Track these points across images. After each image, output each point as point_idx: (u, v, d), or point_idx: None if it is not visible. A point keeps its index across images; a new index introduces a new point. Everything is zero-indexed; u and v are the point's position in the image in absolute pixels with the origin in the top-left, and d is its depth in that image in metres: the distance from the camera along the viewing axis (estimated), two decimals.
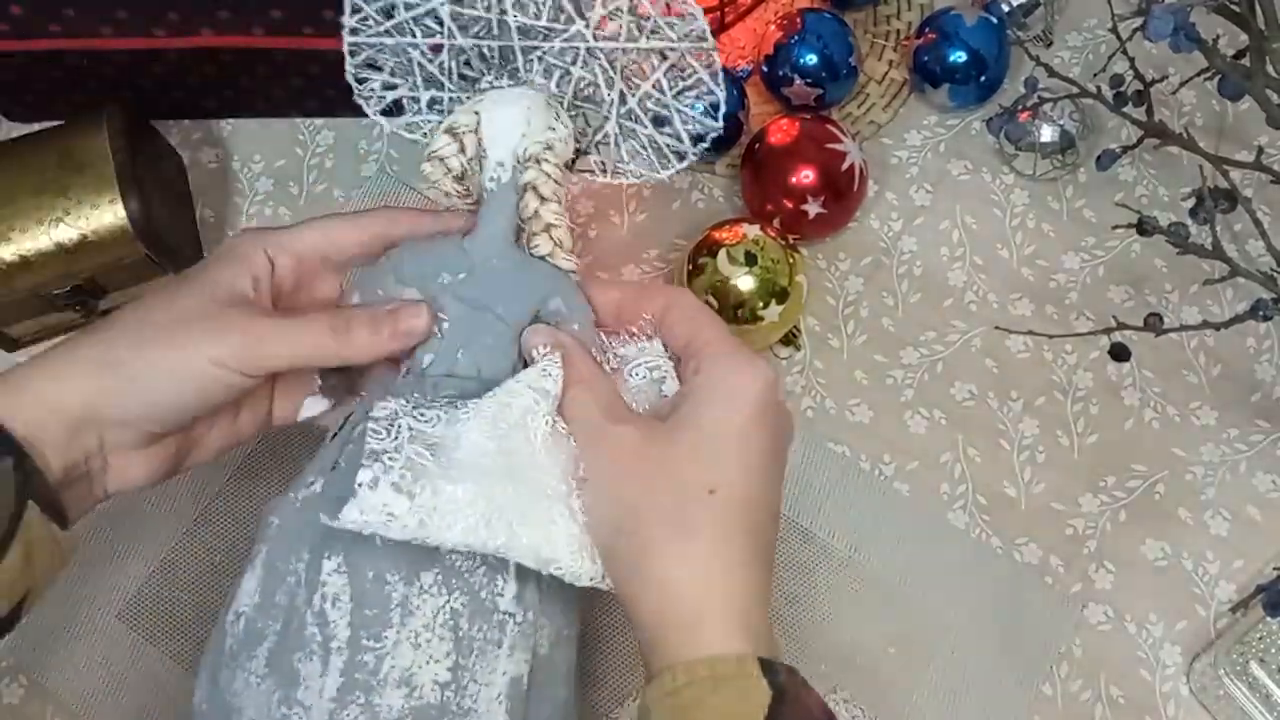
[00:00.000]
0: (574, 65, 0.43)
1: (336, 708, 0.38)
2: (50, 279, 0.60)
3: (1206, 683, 0.56)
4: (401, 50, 0.45)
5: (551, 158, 0.44)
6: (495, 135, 0.44)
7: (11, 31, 0.60)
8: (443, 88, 0.45)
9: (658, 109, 0.44)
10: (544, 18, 0.42)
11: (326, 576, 0.39)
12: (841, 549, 0.60)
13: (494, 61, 0.44)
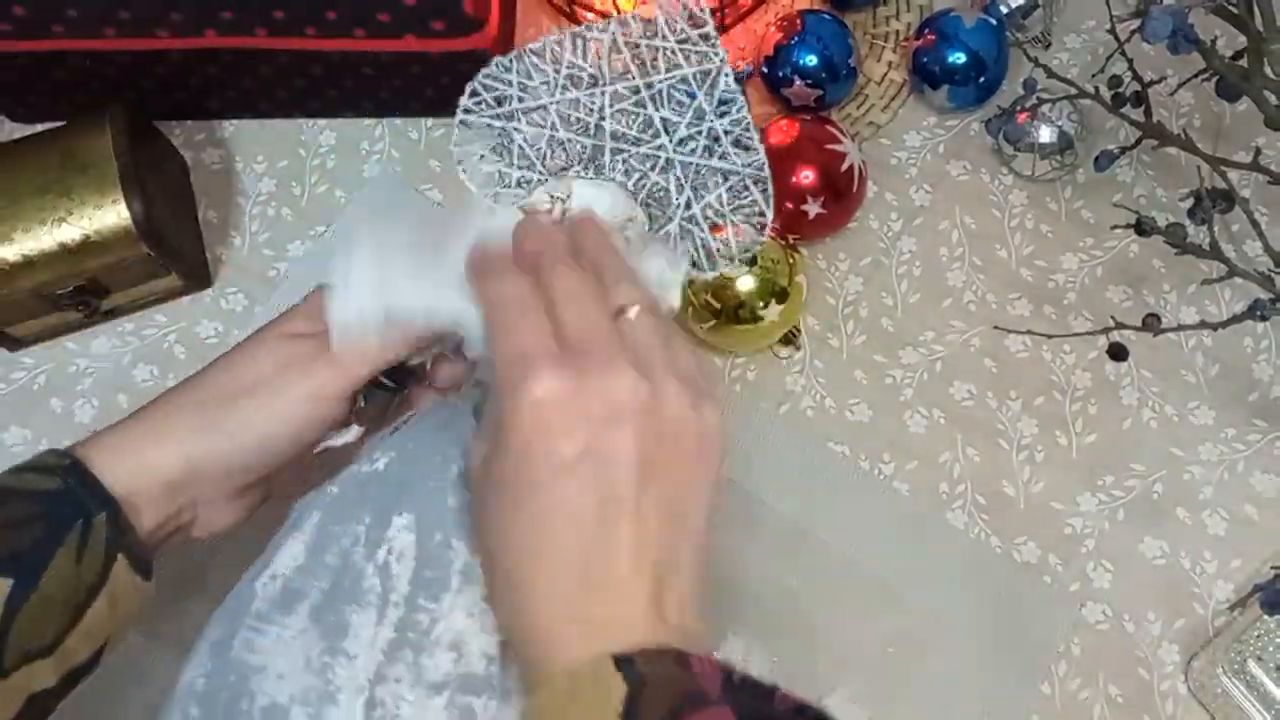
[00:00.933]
0: (652, 171, 0.50)
1: (385, 661, 0.40)
2: (53, 279, 0.60)
3: (1204, 681, 0.56)
4: (505, 132, 0.51)
5: (633, 228, 0.49)
6: (582, 207, 0.49)
7: (14, 32, 0.60)
8: (534, 169, 0.51)
9: (715, 218, 0.50)
10: (635, 128, 0.49)
11: (394, 532, 0.41)
12: (841, 549, 0.60)
13: (584, 157, 0.50)
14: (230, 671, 0.40)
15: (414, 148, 0.69)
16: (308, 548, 0.42)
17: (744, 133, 0.49)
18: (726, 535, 0.60)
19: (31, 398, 0.64)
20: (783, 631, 0.59)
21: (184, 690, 0.41)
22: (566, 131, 0.50)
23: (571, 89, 0.50)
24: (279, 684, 0.39)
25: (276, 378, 0.44)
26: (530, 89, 0.51)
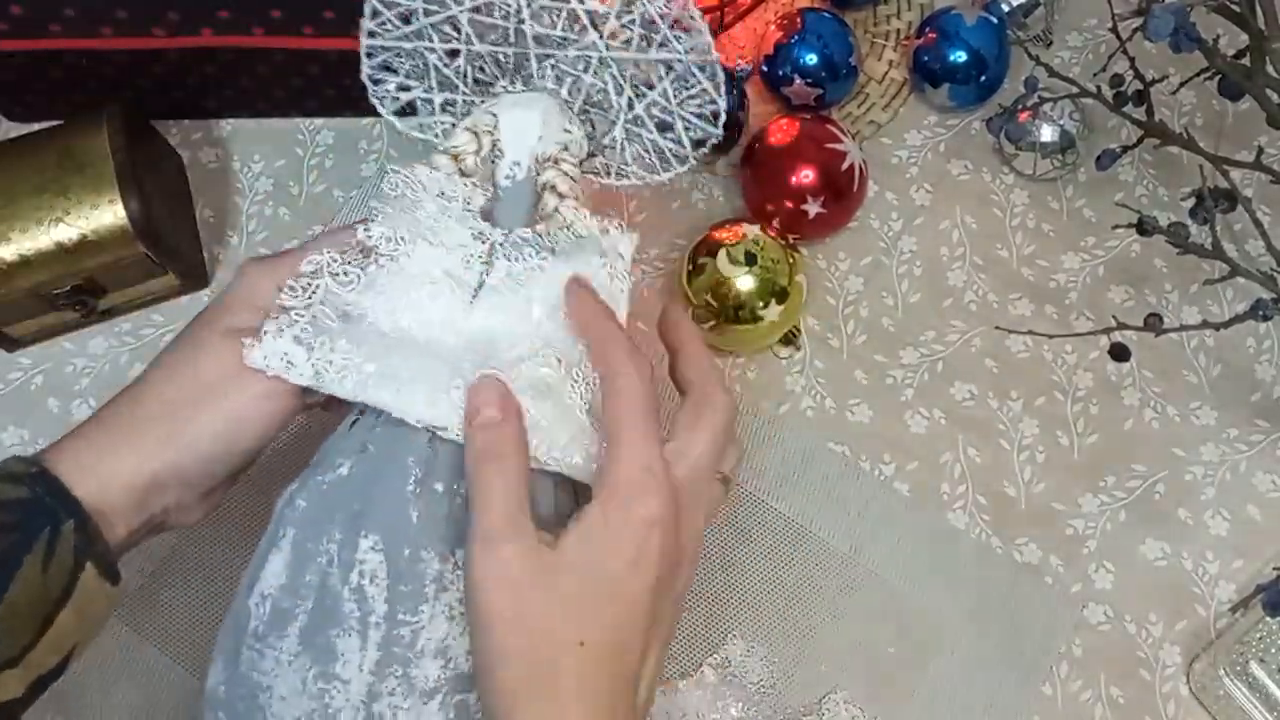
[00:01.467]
0: (585, 73, 0.45)
1: (375, 680, 0.39)
2: (50, 278, 0.60)
3: (1206, 682, 0.56)
4: (418, 54, 0.46)
5: (568, 158, 0.46)
6: (514, 137, 0.46)
7: (12, 31, 0.60)
8: (457, 91, 0.47)
9: (662, 115, 0.46)
10: (559, 28, 0.44)
11: (363, 554, 0.40)
12: (841, 549, 0.60)
13: (508, 67, 0.46)
14: (243, 685, 0.40)
15: (412, 147, 0.69)
16: (288, 566, 0.41)
17: (682, 12, 0.44)
18: (727, 535, 0.60)
19: (29, 398, 0.63)
20: (783, 631, 0.58)
21: (210, 695, 0.42)
22: (484, 44, 0.45)
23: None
24: (283, 705, 0.40)
25: (224, 383, 0.43)
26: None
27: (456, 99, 0.48)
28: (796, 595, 0.59)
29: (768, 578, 0.59)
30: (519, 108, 0.46)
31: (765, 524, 0.60)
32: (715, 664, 0.58)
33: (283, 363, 0.42)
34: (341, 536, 0.40)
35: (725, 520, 0.61)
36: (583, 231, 0.45)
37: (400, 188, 0.45)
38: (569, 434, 0.42)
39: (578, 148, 0.46)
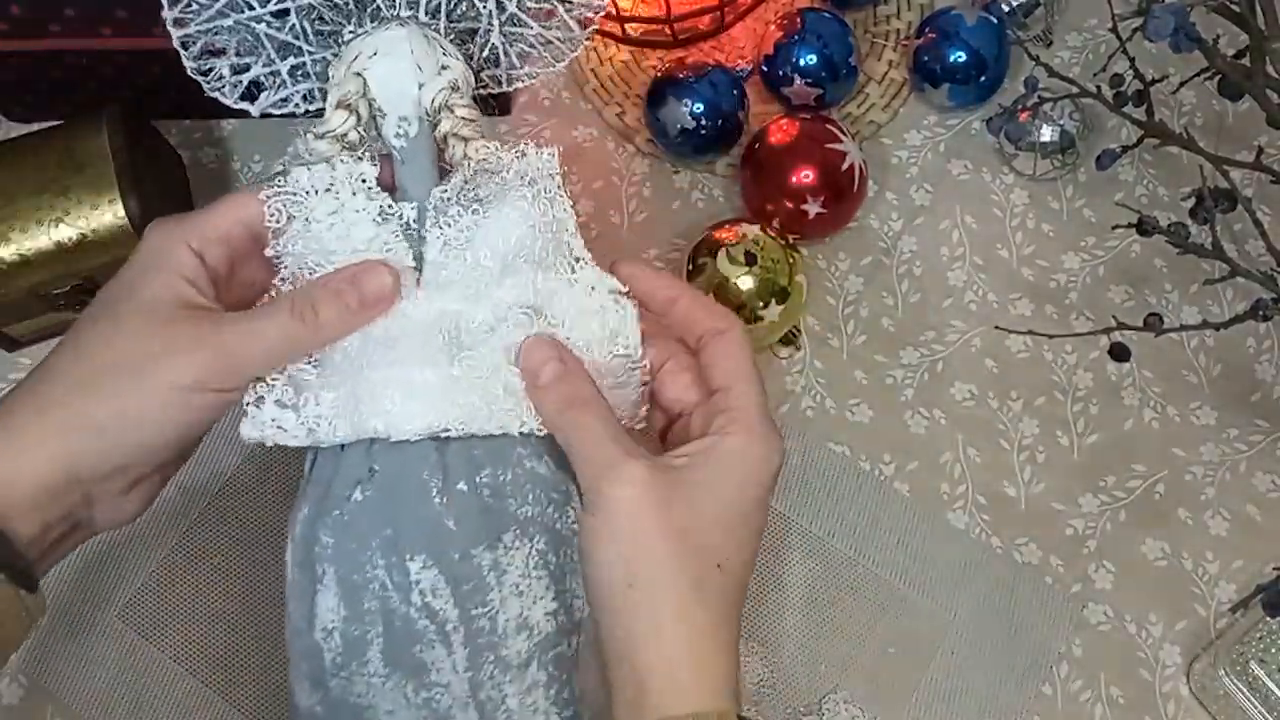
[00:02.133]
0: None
1: (473, 673, 0.40)
2: (50, 279, 0.60)
3: (1206, 683, 0.56)
4: (242, 26, 0.41)
5: (459, 99, 0.42)
6: (390, 93, 0.41)
7: (11, 31, 0.60)
8: (301, 53, 0.42)
9: (538, 5, 0.42)
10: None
11: (416, 575, 0.40)
12: (841, 549, 0.60)
13: (349, 8, 0.41)
14: (343, 709, 0.41)
15: None
16: (342, 600, 0.40)
17: None
18: None
19: None
20: (783, 632, 0.58)
21: (306, 714, 0.42)
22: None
23: None
24: (392, 718, 0.40)
25: (140, 366, 0.38)
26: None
27: (304, 61, 0.42)
28: (796, 595, 0.59)
29: (767, 578, 0.59)
30: (383, 58, 0.40)
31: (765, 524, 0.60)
32: None
33: (276, 429, 0.41)
34: (384, 561, 0.40)
35: None
36: (500, 166, 0.42)
37: (282, 213, 0.41)
38: None
39: (464, 81, 0.42)
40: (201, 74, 0.42)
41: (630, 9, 0.69)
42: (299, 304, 0.40)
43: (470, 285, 0.42)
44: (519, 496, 0.41)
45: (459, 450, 0.41)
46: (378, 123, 0.43)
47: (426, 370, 0.41)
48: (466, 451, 0.41)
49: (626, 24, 0.69)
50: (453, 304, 0.42)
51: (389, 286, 0.40)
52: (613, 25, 0.69)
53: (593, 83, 0.70)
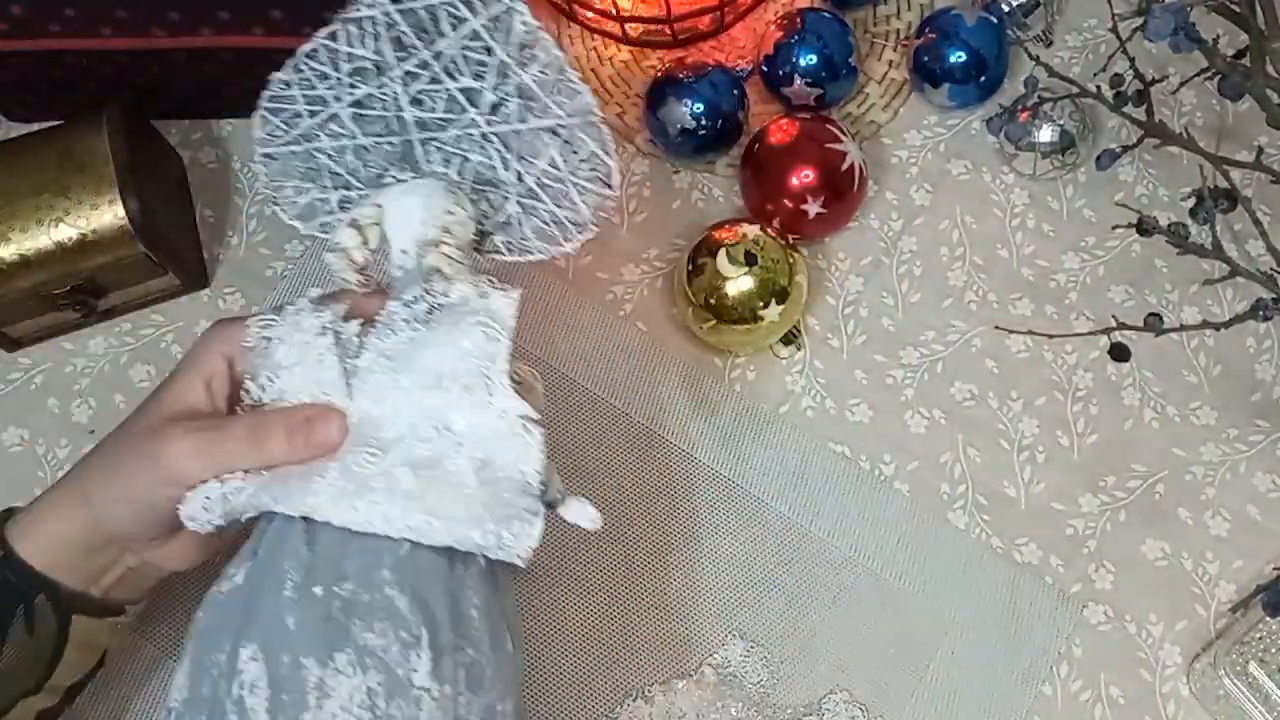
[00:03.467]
0: (470, 152, 0.45)
1: None
2: (50, 279, 0.60)
3: (1206, 683, 0.56)
4: (309, 155, 0.46)
5: (450, 239, 0.45)
6: (397, 225, 0.45)
7: (12, 31, 0.60)
8: (349, 187, 0.47)
9: (554, 184, 0.45)
10: (439, 110, 0.44)
11: (243, 664, 0.39)
12: (841, 549, 0.60)
13: (395, 156, 0.46)
14: None
15: None
16: (188, 678, 0.41)
17: (559, 76, 0.42)
18: (727, 535, 0.60)
19: (29, 398, 0.63)
20: (783, 632, 0.58)
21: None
22: (368, 135, 0.45)
23: (360, 85, 0.44)
24: None
25: (129, 458, 0.44)
26: (318, 99, 0.45)
27: (352, 195, 0.47)
28: (796, 595, 0.59)
29: (768, 578, 0.59)
30: (403, 195, 0.45)
31: (765, 524, 0.60)
32: (715, 664, 0.58)
33: (203, 511, 0.43)
34: (229, 647, 0.40)
35: (725, 520, 0.61)
36: (456, 298, 0.45)
37: (260, 338, 0.45)
38: (463, 507, 0.41)
39: (461, 228, 0.46)
40: (273, 190, 0.48)
41: (630, 9, 0.69)
42: (256, 430, 0.44)
43: (391, 396, 0.43)
44: (367, 620, 0.40)
45: (328, 553, 0.41)
46: (386, 250, 0.46)
47: (329, 461, 0.42)
48: (336, 558, 0.41)
49: (626, 24, 0.69)
50: (373, 409, 0.43)
51: (334, 439, 0.44)
52: (613, 25, 0.69)
53: (593, 83, 0.70)
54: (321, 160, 0.46)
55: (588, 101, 0.42)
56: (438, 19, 0.42)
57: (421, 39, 0.43)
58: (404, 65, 0.43)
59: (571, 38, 0.72)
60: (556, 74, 0.42)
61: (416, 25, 0.42)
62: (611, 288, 0.66)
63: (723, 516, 0.61)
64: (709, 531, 0.60)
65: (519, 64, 0.42)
